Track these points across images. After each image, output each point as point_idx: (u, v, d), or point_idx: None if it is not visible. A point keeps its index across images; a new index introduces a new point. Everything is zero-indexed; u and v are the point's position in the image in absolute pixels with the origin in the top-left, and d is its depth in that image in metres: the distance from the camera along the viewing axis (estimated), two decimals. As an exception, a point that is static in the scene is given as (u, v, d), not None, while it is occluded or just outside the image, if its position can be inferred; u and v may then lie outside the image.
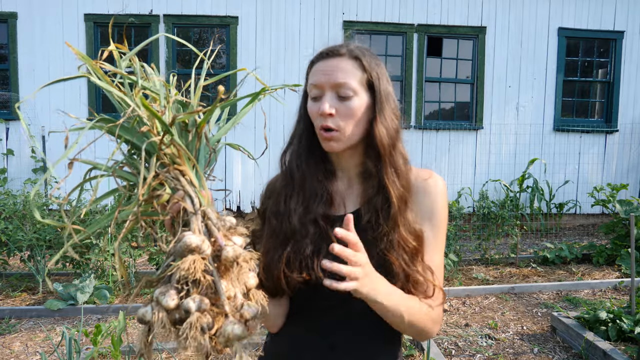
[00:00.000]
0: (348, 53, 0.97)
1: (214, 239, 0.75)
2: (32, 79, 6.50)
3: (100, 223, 0.80)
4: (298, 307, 1.02)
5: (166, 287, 0.70)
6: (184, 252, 0.71)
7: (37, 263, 4.33)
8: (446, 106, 7.36)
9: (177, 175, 0.79)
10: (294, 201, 0.99)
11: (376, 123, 0.97)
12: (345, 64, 0.96)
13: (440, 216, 1.00)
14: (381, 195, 0.96)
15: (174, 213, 0.78)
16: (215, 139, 0.89)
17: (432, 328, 0.95)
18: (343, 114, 0.95)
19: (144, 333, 0.71)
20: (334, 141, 0.96)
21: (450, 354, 3.24)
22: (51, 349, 3.23)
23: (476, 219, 5.67)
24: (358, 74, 0.96)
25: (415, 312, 0.91)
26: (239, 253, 0.73)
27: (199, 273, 0.69)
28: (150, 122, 0.78)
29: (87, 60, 0.78)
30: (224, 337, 0.68)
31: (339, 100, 0.95)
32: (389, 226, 0.94)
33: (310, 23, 6.80)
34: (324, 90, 0.96)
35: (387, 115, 0.98)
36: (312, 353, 1.01)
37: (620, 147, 7.33)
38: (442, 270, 1.00)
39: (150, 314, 0.69)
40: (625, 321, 3.19)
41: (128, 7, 6.56)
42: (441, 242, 1.00)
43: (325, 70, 0.96)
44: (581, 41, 7.28)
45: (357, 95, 0.96)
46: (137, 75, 0.84)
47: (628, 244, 5.15)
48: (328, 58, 0.97)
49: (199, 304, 0.68)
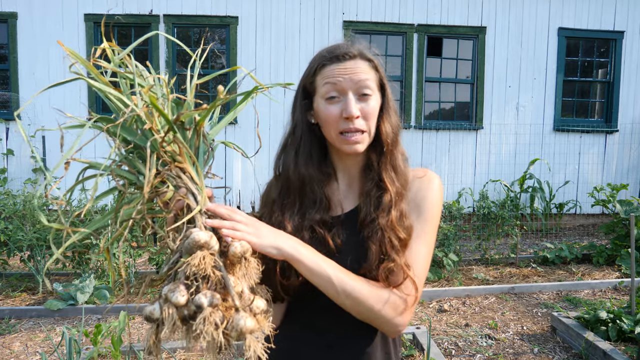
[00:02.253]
0: (360, 54, 0.99)
1: (219, 234, 0.76)
2: (32, 79, 6.50)
3: (100, 222, 0.80)
4: (295, 306, 1.03)
5: (175, 284, 0.70)
6: (193, 249, 0.71)
7: (37, 263, 4.33)
8: (446, 106, 7.36)
9: (178, 173, 0.79)
10: (290, 211, 1.00)
11: (383, 120, 1.00)
12: (362, 65, 0.98)
13: (430, 210, 1.00)
14: (377, 187, 0.99)
15: (177, 210, 0.78)
16: (210, 137, 0.89)
17: (387, 312, 0.91)
18: (366, 114, 0.97)
19: (153, 331, 0.71)
20: (360, 143, 0.98)
21: (450, 354, 3.24)
22: (51, 349, 3.23)
23: (476, 219, 5.67)
24: (373, 74, 0.99)
25: (348, 282, 0.88)
26: (246, 248, 0.74)
27: (210, 268, 0.69)
28: (150, 120, 0.78)
29: (81, 60, 0.78)
30: (237, 331, 0.69)
31: (360, 100, 0.97)
32: (380, 215, 0.95)
33: (310, 23, 6.80)
34: (346, 92, 0.96)
35: (392, 114, 1.02)
36: (309, 351, 1.01)
37: (620, 147, 7.33)
38: (426, 265, 0.98)
39: (158, 311, 0.69)
40: (626, 321, 3.19)
41: (128, 7, 6.56)
42: (429, 236, 0.99)
43: (344, 72, 0.96)
44: (581, 41, 7.28)
45: (374, 94, 0.98)
46: (134, 73, 0.83)
47: (628, 244, 5.15)
48: (344, 60, 0.97)
49: (210, 299, 0.68)
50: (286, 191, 1.02)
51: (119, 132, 0.76)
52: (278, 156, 1.06)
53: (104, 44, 0.84)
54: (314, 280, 0.88)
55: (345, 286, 0.88)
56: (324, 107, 0.98)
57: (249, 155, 0.90)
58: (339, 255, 0.95)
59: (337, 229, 0.99)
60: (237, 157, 6.72)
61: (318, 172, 1.02)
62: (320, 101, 0.99)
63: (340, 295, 0.89)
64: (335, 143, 0.99)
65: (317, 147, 1.03)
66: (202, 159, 0.85)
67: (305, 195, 1.01)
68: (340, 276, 0.88)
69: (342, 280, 0.88)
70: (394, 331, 0.94)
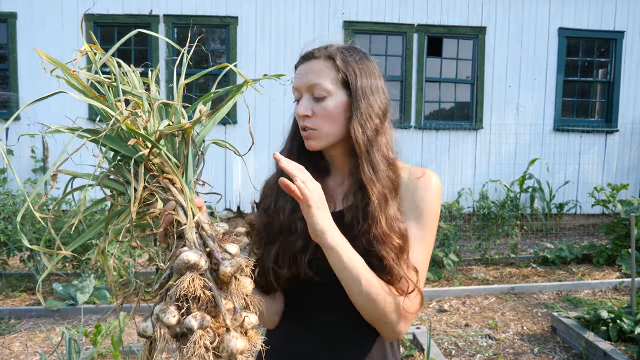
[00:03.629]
0: (324, 54, 0.99)
1: (209, 249, 0.75)
2: (32, 79, 6.50)
3: (89, 234, 0.79)
4: (291, 303, 1.04)
5: (165, 304, 0.71)
6: (182, 270, 0.71)
7: (37, 263, 4.33)
8: (446, 106, 7.35)
9: (167, 185, 0.78)
10: (284, 198, 1.01)
11: (351, 121, 0.97)
12: (318, 66, 0.98)
13: (428, 212, 0.99)
14: (360, 192, 0.97)
15: (166, 224, 0.78)
16: (200, 138, 0.87)
17: (395, 318, 0.92)
18: (319, 114, 0.97)
19: (147, 346, 0.73)
20: (312, 139, 0.99)
21: (450, 354, 3.24)
22: (51, 349, 3.23)
23: (476, 219, 5.66)
24: (331, 74, 0.97)
25: (374, 284, 0.89)
26: (236, 268, 0.73)
27: (199, 290, 0.70)
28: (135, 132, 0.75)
29: (63, 67, 0.75)
30: (228, 352, 0.70)
31: (314, 101, 0.98)
32: (369, 223, 0.93)
33: (310, 23, 6.79)
34: (301, 93, 1.00)
35: (364, 113, 0.97)
36: (305, 348, 1.01)
37: (620, 147, 7.33)
38: (425, 267, 0.98)
39: (151, 329, 0.71)
40: (626, 321, 3.19)
41: (128, 7, 6.56)
42: (428, 237, 0.99)
43: (299, 74, 1.00)
44: (581, 41, 7.27)
45: (331, 95, 0.97)
46: (118, 78, 0.80)
47: (628, 244, 5.15)
48: (304, 61, 1.01)
49: (200, 321, 0.69)
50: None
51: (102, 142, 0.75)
52: (281, 150, 1.09)
53: (84, 46, 0.80)
54: (343, 275, 0.88)
55: (370, 289, 0.89)
56: (294, 105, 1.03)
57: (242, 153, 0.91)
58: None
59: None
60: (237, 158, 6.71)
61: (311, 165, 1.01)
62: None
63: (362, 296, 0.89)
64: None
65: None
66: (191, 167, 0.83)
67: None
68: (369, 278, 0.89)
69: (370, 283, 0.89)
70: (392, 336, 0.96)
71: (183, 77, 0.87)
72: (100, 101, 0.77)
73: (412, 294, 0.92)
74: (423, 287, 0.97)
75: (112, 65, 0.81)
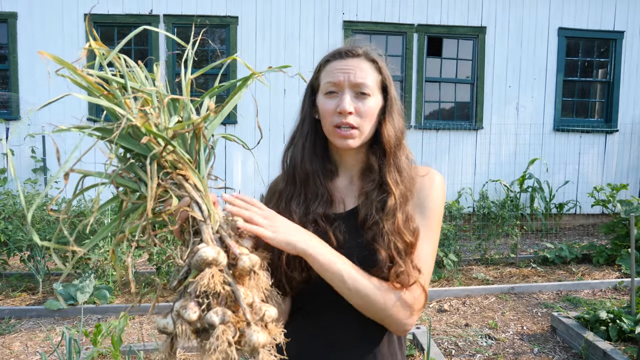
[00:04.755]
0: (364, 54, 1.01)
1: (226, 245, 0.75)
2: (32, 79, 6.50)
3: (102, 234, 0.79)
4: (299, 305, 1.04)
5: (186, 301, 0.71)
6: (201, 266, 0.71)
7: (37, 263, 4.33)
8: (446, 106, 7.36)
9: (180, 181, 0.78)
10: (295, 202, 1.01)
11: (385, 123, 1.01)
12: (364, 64, 0.99)
13: (432, 209, 1.01)
14: (379, 190, 0.99)
15: (182, 221, 0.78)
16: (209, 132, 0.87)
17: (396, 312, 0.92)
18: (361, 112, 0.98)
19: (168, 343, 0.72)
20: (352, 139, 0.99)
21: (450, 354, 3.24)
22: (51, 349, 3.23)
23: (476, 219, 5.67)
24: (374, 75, 1.00)
25: (360, 280, 0.90)
26: (254, 262, 0.74)
27: (219, 286, 0.70)
28: (148, 129, 0.76)
29: (70, 67, 0.75)
30: (250, 346, 0.70)
31: (357, 98, 0.98)
32: (385, 219, 0.95)
33: (310, 23, 6.80)
34: (343, 88, 0.98)
35: (395, 117, 1.03)
36: (312, 349, 1.02)
37: (620, 147, 7.33)
38: (431, 264, 1.00)
39: (172, 326, 0.70)
40: (626, 321, 3.19)
41: (128, 7, 6.56)
42: (433, 234, 1.00)
43: (344, 69, 0.99)
44: (581, 41, 7.28)
45: (373, 95, 0.99)
46: (125, 76, 0.80)
47: (628, 244, 5.15)
48: (347, 57, 1.00)
49: (222, 317, 0.69)
50: (292, 182, 1.04)
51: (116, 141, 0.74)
52: (286, 148, 1.08)
53: (90, 42, 0.79)
54: (327, 276, 0.88)
55: (357, 284, 0.89)
56: (323, 101, 1.01)
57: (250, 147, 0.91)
58: (342, 252, 0.95)
59: (339, 225, 0.99)
60: (237, 158, 6.71)
61: (322, 166, 1.04)
62: (320, 96, 1.02)
63: (352, 293, 0.90)
64: (330, 137, 1.02)
65: (321, 143, 1.05)
66: (203, 162, 0.83)
67: (309, 188, 1.02)
68: (352, 274, 0.89)
69: (354, 279, 0.89)
70: (401, 330, 0.97)
71: (190, 70, 0.87)
72: (109, 99, 0.77)
73: (413, 286, 0.93)
74: (429, 283, 0.98)
75: (118, 64, 0.81)
